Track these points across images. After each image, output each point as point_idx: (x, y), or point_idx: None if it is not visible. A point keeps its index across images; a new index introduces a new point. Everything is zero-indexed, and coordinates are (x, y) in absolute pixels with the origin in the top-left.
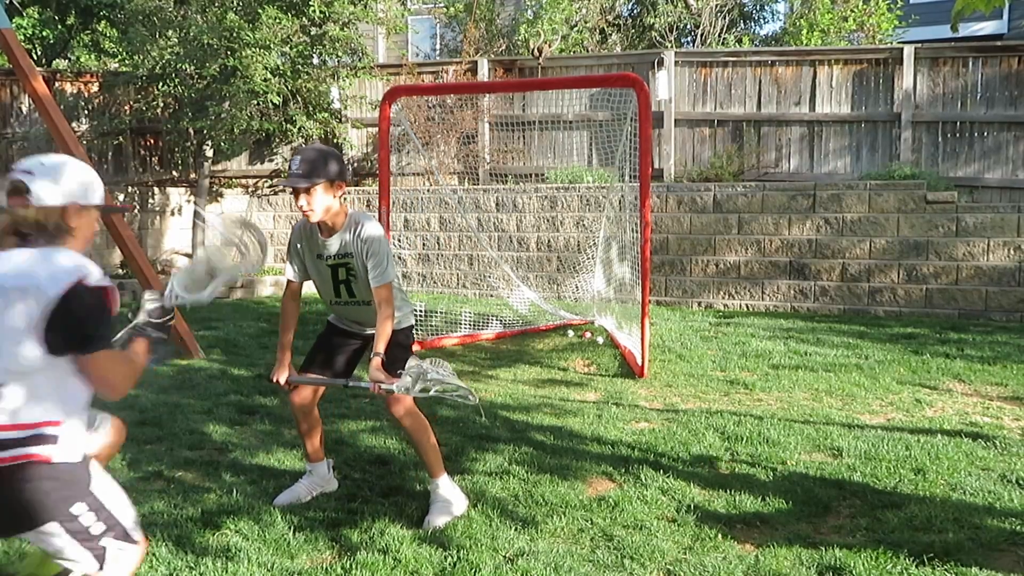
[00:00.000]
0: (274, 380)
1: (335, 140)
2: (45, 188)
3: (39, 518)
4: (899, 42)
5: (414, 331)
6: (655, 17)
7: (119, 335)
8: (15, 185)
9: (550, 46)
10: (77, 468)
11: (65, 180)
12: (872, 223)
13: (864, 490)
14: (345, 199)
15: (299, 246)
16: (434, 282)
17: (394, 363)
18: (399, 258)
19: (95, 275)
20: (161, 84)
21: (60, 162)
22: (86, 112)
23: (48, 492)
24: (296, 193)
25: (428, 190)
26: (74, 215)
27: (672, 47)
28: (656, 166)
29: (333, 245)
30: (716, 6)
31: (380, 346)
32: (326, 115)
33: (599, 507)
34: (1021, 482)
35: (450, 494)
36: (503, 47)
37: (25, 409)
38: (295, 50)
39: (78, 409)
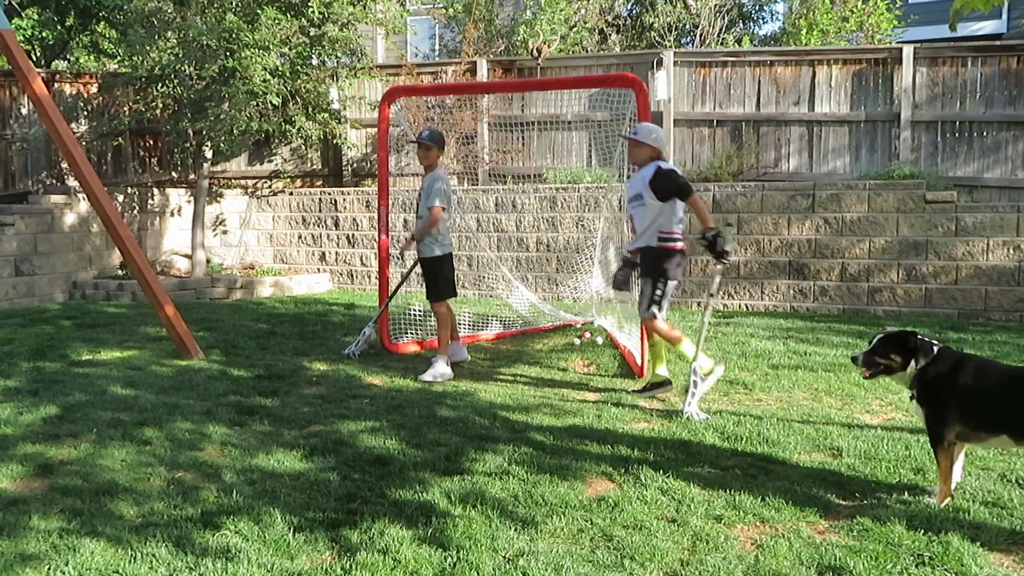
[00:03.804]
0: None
1: (334, 140)
2: None
3: None
4: (898, 42)
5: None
6: (654, 17)
7: None
8: None
9: (549, 46)
10: None
11: None
12: (871, 223)
13: (864, 490)
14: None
15: None
16: None
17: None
18: (398, 257)
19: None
20: (160, 85)
21: None
22: (85, 113)
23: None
24: None
25: None
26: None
27: (671, 47)
28: None
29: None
30: (715, 6)
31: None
32: (325, 116)
33: (599, 507)
34: (1021, 482)
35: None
36: (502, 47)
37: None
38: (294, 51)
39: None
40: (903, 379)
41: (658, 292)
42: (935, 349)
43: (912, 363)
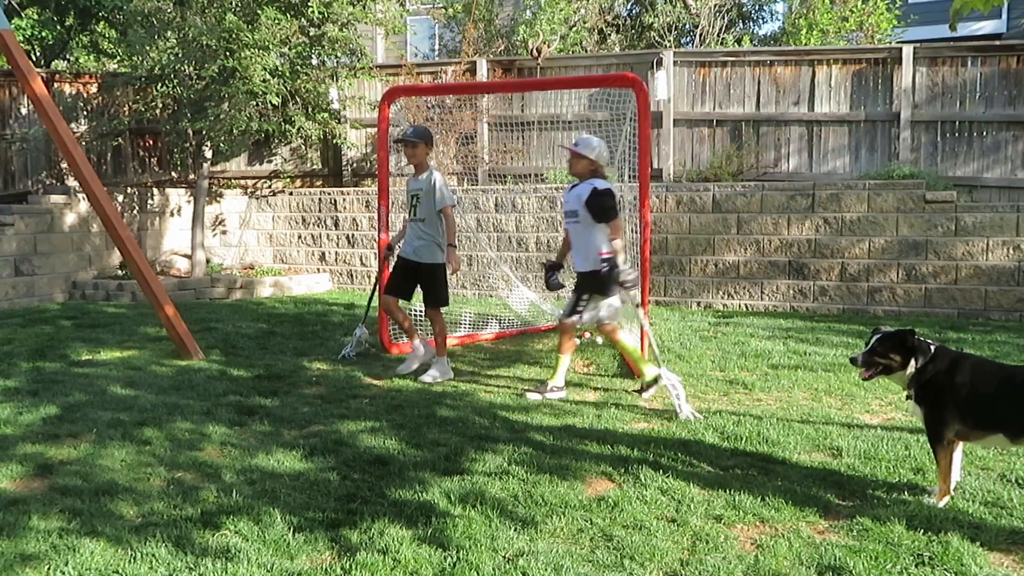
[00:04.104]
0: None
1: (334, 140)
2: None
3: None
4: (898, 42)
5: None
6: (654, 17)
7: None
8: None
9: (549, 46)
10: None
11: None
12: (871, 223)
13: (864, 490)
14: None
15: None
16: None
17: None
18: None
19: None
20: (160, 85)
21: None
22: (85, 113)
23: None
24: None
25: None
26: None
27: (671, 47)
28: (655, 166)
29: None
30: (715, 6)
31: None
32: (325, 116)
33: (599, 507)
34: (1021, 482)
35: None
36: (502, 47)
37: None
38: (294, 51)
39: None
40: (901, 379)
41: (581, 305)
42: (932, 348)
43: (912, 362)
